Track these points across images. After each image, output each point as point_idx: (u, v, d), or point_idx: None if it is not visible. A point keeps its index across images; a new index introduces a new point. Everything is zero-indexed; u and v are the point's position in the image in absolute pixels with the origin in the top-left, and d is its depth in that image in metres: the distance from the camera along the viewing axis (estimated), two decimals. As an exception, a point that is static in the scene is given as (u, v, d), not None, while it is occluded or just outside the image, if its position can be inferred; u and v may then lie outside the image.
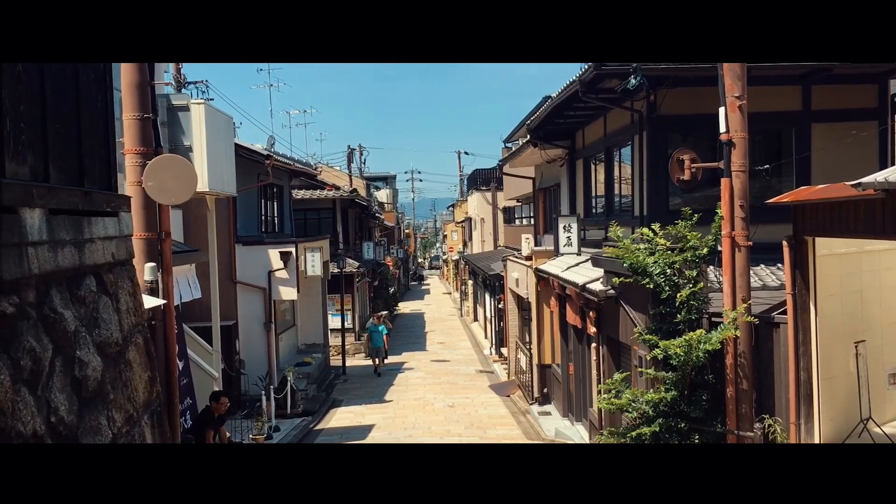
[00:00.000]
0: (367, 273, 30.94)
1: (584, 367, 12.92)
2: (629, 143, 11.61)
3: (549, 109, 13.02)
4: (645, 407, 8.05)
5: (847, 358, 7.91)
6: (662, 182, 10.57)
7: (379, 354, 23.16)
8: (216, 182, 12.18)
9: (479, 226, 38.55)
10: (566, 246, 13.44)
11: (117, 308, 3.91)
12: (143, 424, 4.02)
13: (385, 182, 66.36)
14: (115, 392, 3.68)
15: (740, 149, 7.71)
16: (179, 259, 9.43)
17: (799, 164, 10.43)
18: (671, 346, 7.60)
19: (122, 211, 4.14)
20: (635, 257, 8.21)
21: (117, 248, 4.00)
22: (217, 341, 12.92)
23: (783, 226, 8.95)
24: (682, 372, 7.84)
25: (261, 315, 17.59)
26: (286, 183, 22.23)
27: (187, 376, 9.68)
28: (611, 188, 13.18)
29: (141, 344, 4.17)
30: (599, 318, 11.04)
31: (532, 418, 15.88)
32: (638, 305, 9.19)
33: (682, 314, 7.96)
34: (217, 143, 12.28)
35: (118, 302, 3.94)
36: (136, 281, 4.27)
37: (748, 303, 7.74)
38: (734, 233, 7.74)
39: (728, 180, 7.73)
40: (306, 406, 17.58)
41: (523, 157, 17.88)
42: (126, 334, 3.98)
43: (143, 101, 6.40)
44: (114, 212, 4.02)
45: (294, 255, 17.41)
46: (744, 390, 7.84)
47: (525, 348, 18.17)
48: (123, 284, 4.04)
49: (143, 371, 4.12)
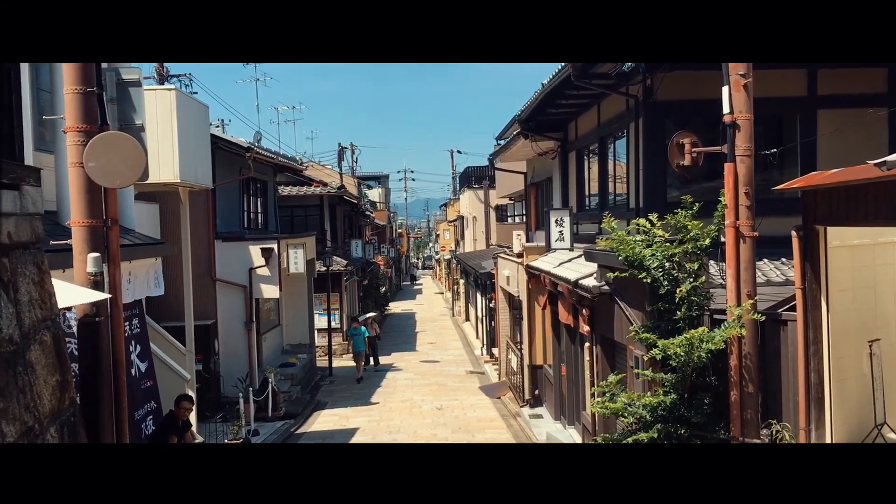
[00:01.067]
0: (356, 272, 30.28)
1: (576, 367, 12.30)
2: (624, 132, 11.00)
3: (541, 97, 12.41)
4: (642, 411, 7.43)
5: (860, 358, 7.31)
6: (660, 172, 9.97)
7: (360, 359, 22.11)
8: (189, 173, 11.54)
9: (471, 224, 37.97)
10: (558, 241, 12.82)
11: (15, 299, 3.27)
12: (48, 437, 3.38)
13: (377, 181, 65.80)
14: (5, 400, 3.04)
15: (745, 131, 7.09)
16: (142, 252, 8.77)
17: (804, 154, 9.83)
18: (671, 345, 6.98)
19: (26, 184, 3.49)
20: (631, 249, 7.58)
21: (17, 228, 3.36)
22: (190, 341, 12.27)
23: (786, 218, 8.40)
24: (683, 373, 7.23)
25: (242, 314, 16.94)
26: (271, 178, 21.56)
27: (151, 378, 9.03)
28: (605, 181, 12.57)
29: (49, 343, 3.52)
30: (593, 317, 10.43)
31: (523, 421, 15.26)
32: (634, 302, 8.58)
33: (683, 311, 7.34)
34: (190, 131, 11.64)
35: (16, 292, 3.30)
36: (44, 268, 3.62)
37: (755, 299, 7.13)
38: (739, 222, 7.12)
39: (732, 165, 7.11)
40: (289, 408, 16.93)
41: (514, 150, 17.26)
42: (27, 331, 3.34)
43: (86, 74, 5.75)
44: (13, 184, 3.37)
45: (276, 252, 16.75)
46: (749, 393, 7.22)
47: (516, 348, 17.56)
48: (25, 271, 3.40)
49: (49, 375, 3.48)
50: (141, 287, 8.82)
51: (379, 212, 53.26)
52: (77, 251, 5.79)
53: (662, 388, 7.45)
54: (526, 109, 13.96)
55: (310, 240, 20.44)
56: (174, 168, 11.07)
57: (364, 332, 22.51)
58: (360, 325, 22.87)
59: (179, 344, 12.26)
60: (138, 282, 8.74)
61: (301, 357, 20.98)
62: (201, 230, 16.17)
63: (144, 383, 8.87)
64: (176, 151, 11.06)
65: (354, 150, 47.94)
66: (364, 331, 22.55)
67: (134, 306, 8.80)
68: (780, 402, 7.43)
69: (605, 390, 7.97)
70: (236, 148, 16.90)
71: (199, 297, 16.07)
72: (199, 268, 16.23)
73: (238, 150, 16.90)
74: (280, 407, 16.53)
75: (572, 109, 13.44)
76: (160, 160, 11.08)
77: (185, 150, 11.27)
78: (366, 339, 22.45)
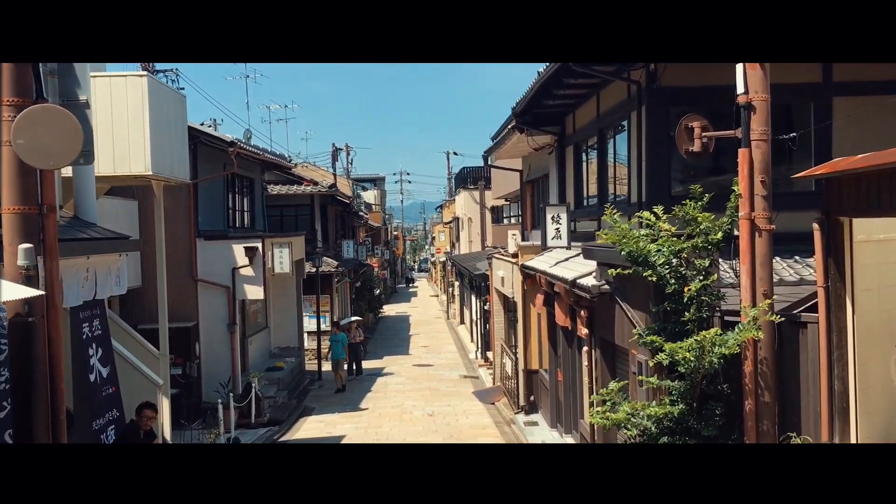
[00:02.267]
0: (348, 273, 29.59)
1: (574, 373, 11.61)
2: (625, 122, 10.33)
3: (537, 87, 11.74)
4: (647, 422, 6.73)
5: (886, 365, 6.63)
6: (664, 164, 9.31)
7: (338, 368, 20.64)
8: (162, 165, 10.83)
9: (466, 226, 37.32)
10: (554, 239, 12.14)
11: None
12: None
13: (373, 183, 65.24)
14: None
15: (761, 113, 6.41)
16: (103, 247, 8.07)
17: (818, 144, 9.16)
18: (679, 349, 6.30)
19: None
20: (635, 244, 6.89)
21: None
22: (165, 343, 11.55)
23: (799, 213, 7.76)
24: (692, 381, 6.54)
25: (225, 316, 16.21)
26: (258, 176, 20.85)
27: (114, 384, 8.32)
28: (604, 175, 11.89)
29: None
30: (592, 318, 9.74)
31: (518, 429, 14.57)
32: (637, 302, 7.90)
33: (691, 311, 6.65)
34: (164, 121, 10.94)
35: None
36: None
37: (772, 298, 6.44)
38: (754, 214, 6.43)
39: (747, 151, 6.42)
40: (273, 414, 16.21)
41: (509, 145, 16.58)
42: None
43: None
44: None
45: (261, 252, 16.05)
46: (765, 403, 6.53)
47: (511, 352, 16.87)
48: None
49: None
50: (102, 285, 8.12)
51: (374, 213, 52.55)
52: (7, 242, 5.10)
53: (669, 397, 6.77)
54: (521, 101, 13.29)
55: (297, 239, 19.72)
56: (145, 159, 10.37)
57: (343, 338, 21.27)
58: (339, 332, 21.71)
59: (152, 347, 11.55)
60: (100, 280, 8.03)
61: (289, 361, 20.27)
62: (182, 228, 15.48)
63: (106, 390, 8.17)
64: (147, 142, 10.36)
65: (350, 152, 47.34)
66: (343, 337, 21.32)
67: (95, 306, 8.11)
68: (799, 412, 6.75)
69: (606, 399, 7.28)
70: (220, 143, 16.20)
71: (180, 299, 15.39)
72: (180, 268, 15.54)
73: (222, 144, 16.19)
74: (264, 413, 15.82)
75: (570, 101, 12.77)
76: (131, 151, 10.40)
77: (158, 140, 10.57)
78: (346, 346, 21.19)
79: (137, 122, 10.33)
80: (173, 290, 14.96)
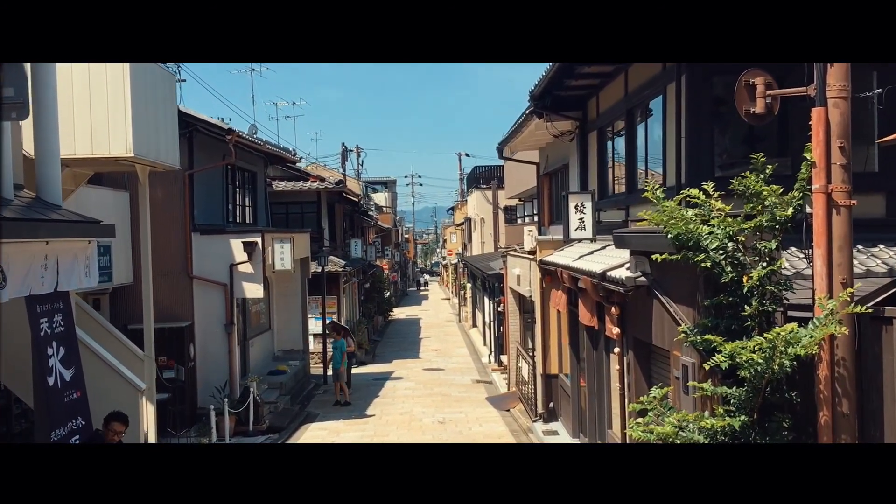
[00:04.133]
0: (356, 273, 28.58)
1: (601, 378, 10.49)
2: (659, 97, 9.23)
3: (559, 65, 10.67)
4: (699, 437, 5.63)
5: None
6: (706, 141, 8.22)
7: (339, 378, 18.46)
8: (146, 147, 9.83)
9: (478, 226, 36.28)
10: (578, 230, 11.04)
11: None
12: None
13: (384, 186, 64.40)
14: None
15: (840, 66, 5.32)
16: (60, 229, 7.02)
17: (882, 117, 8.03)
18: (743, 350, 5.20)
19: None
20: (684, 225, 5.80)
21: None
22: (150, 344, 10.53)
23: (875, 196, 6.68)
24: (755, 388, 5.44)
25: (222, 315, 15.20)
26: (261, 170, 19.84)
27: (79, 389, 7.29)
28: (632, 160, 10.78)
29: None
30: (624, 316, 8.63)
31: (535, 438, 13.48)
32: (681, 296, 6.79)
33: (753, 304, 5.55)
34: (148, 100, 9.94)
35: None
36: None
37: (853, 288, 5.33)
38: (831, 186, 5.31)
39: (822, 111, 5.32)
40: (274, 421, 15.16)
41: (526, 133, 15.48)
42: None
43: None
44: None
45: (260, 247, 15.02)
46: (843, 414, 5.42)
47: (527, 355, 15.76)
48: None
49: None
50: (67, 276, 7.07)
51: (384, 215, 51.57)
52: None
53: (723, 408, 5.67)
54: (540, 83, 12.21)
55: (300, 236, 18.66)
56: (126, 140, 9.37)
57: (343, 345, 18.89)
58: (340, 337, 19.32)
59: (136, 347, 10.54)
60: (62, 269, 6.99)
61: (293, 364, 19.24)
62: (176, 220, 14.50)
63: (69, 395, 7.14)
64: (129, 121, 9.36)
65: (360, 153, 46.33)
66: (343, 344, 18.92)
67: (56, 299, 7.08)
68: (882, 425, 5.62)
69: (649, 408, 6.18)
70: (217, 131, 15.19)
71: (173, 296, 14.42)
72: (174, 263, 14.57)
73: (219, 133, 15.19)
74: (263, 420, 14.77)
75: (594, 81, 11.67)
76: (110, 131, 9.41)
77: (140, 120, 9.57)
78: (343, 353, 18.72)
79: (118, 98, 9.34)
80: (166, 288, 14.01)
